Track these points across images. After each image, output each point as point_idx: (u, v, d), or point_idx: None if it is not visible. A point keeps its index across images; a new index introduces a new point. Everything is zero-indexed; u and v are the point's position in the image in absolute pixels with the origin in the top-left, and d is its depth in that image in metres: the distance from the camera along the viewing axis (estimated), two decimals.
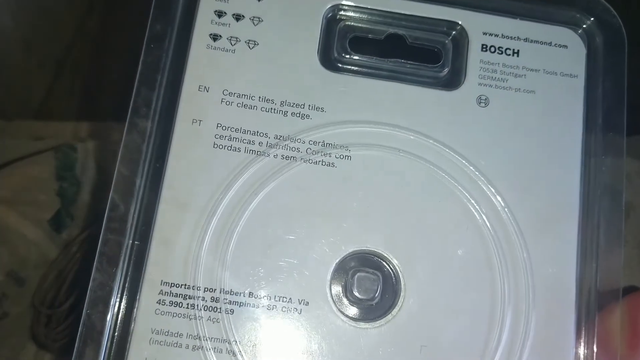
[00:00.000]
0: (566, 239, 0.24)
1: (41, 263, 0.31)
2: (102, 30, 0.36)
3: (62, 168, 0.33)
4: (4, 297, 0.30)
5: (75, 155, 0.34)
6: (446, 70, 0.26)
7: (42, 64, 0.40)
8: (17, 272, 0.30)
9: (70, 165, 0.34)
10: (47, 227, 0.32)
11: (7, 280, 0.30)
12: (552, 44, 0.26)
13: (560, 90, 0.25)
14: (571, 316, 0.23)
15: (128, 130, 0.23)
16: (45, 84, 0.40)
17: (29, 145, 0.34)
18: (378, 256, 0.24)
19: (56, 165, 0.33)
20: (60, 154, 0.33)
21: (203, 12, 0.25)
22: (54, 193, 0.32)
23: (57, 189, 0.33)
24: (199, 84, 0.24)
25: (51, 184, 0.32)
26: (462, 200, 0.24)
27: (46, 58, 0.40)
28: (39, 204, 0.32)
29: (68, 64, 0.40)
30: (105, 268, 0.22)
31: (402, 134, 0.24)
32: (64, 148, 0.34)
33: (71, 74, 0.40)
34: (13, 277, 0.30)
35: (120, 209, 0.22)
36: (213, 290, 0.22)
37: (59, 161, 0.33)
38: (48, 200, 0.32)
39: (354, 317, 0.23)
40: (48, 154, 0.33)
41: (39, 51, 0.40)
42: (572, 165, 0.25)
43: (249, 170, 0.23)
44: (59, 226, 0.32)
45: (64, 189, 0.33)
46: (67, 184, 0.33)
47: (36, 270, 0.31)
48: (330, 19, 0.26)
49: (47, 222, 0.32)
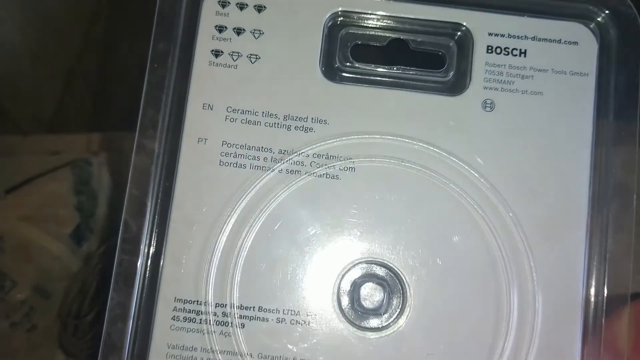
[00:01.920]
0: (574, 245, 0.24)
1: (64, 276, 0.33)
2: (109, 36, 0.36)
3: (80, 182, 0.34)
4: (31, 310, 0.32)
5: (90, 169, 0.35)
6: (450, 74, 0.25)
7: (51, 76, 0.41)
8: (42, 286, 0.32)
9: (86, 179, 0.35)
10: (68, 240, 0.33)
11: (34, 294, 0.32)
12: (562, 41, 0.25)
13: (570, 91, 0.25)
14: (578, 322, 0.24)
15: (136, 152, 0.24)
16: (56, 95, 0.40)
17: (46, 160, 0.35)
18: (384, 266, 0.24)
19: (74, 180, 0.34)
20: (76, 169, 0.34)
21: (204, 28, 0.25)
22: (73, 207, 0.34)
23: (75, 203, 0.34)
24: (203, 102, 0.24)
25: (70, 199, 0.34)
26: (467, 209, 0.24)
27: (55, 69, 0.40)
28: (59, 218, 0.33)
29: (77, 74, 0.41)
30: (122, 287, 0.23)
31: (405, 144, 0.24)
32: (80, 163, 0.35)
33: (81, 84, 0.41)
34: (39, 290, 0.32)
35: (132, 230, 0.23)
36: (224, 306, 0.23)
37: (76, 176, 0.34)
38: (68, 215, 0.33)
39: (361, 328, 0.24)
40: (65, 170, 0.34)
41: (48, 63, 0.40)
42: (582, 169, 0.24)
43: (254, 187, 0.24)
44: (80, 239, 0.34)
45: (82, 203, 0.34)
46: (84, 198, 0.34)
47: (60, 283, 0.33)
48: (331, 28, 0.25)
49: (68, 236, 0.33)
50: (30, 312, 0.32)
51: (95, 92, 0.40)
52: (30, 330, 0.32)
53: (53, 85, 0.41)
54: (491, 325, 0.24)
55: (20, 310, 0.32)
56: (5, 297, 0.31)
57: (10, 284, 0.32)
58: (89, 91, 0.41)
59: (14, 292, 0.32)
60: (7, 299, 0.31)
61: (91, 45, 0.41)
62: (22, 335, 0.32)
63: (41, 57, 0.40)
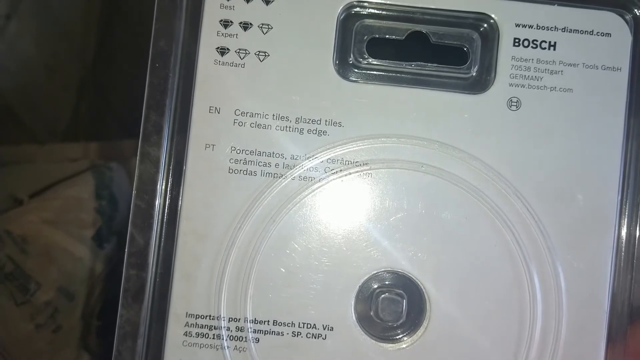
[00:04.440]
0: (601, 252, 0.23)
1: (87, 278, 0.33)
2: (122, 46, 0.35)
3: (100, 187, 0.34)
4: (56, 311, 0.32)
5: (110, 174, 0.35)
6: (474, 70, 0.24)
7: (66, 86, 0.40)
8: (66, 288, 0.32)
9: (107, 183, 0.35)
10: (90, 243, 0.33)
11: (58, 296, 0.32)
12: (594, 33, 0.23)
13: (601, 87, 0.23)
14: (602, 331, 0.23)
15: (140, 160, 0.23)
16: (70, 105, 0.40)
17: (66, 167, 0.35)
18: (403, 276, 0.23)
19: (95, 185, 0.34)
20: (97, 174, 0.34)
21: (208, 23, 0.23)
22: (95, 211, 0.34)
23: (97, 207, 0.34)
24: (210, 105, 0.23)
25: (91, 203, 0.34)
26: (490, 215, 0.23)
27: (69, 80, 0.40)
28: (81, 222, 0.33)
29: (90, 84, 0.40)
30: (131, 304, 0.22)
31: (425, 147, 0.23)
32: (100, 168, 0.35)
33: (94, 94, 0.40)
34: (63, 292, 0.32)
35: (139, 243, 0.22)
36: (237, 320, 0.23)
37: (97, 180, 0.34)
38: (89, 218, 0.33)
39: (380, 339, 0.23)
40: (86, 174, 0.34)
41: (62, 74, 0.40)
42: (612, 172, 0.23)
43: (266, 196, 0.23)
44: (101, 242, 0.34)
45: (103, 207, 0.34)
46: (105, 202, 0.34)
47: (83, 284, 0.33)
48: (345, 20, 0.23)
49: (91, 238, 0.33)
50: (55, 313, 0.32)
51: (109, 102, 0.39)
52: (55, 331, 0.32)
53: (67, 96, 0.40)
54: (514, 335, 0.23)
55: (45, 311, 0.32)
56: (30, 299, 0.32)
57: (35, 286, 0.32)
58: (102, 100, 0.40)
59: (38, 294, 0.32)
60: (32, 301, 0.32)
61: (104, 54, 0.39)
62: (48, 336, 0.32)
63: (55, 69, 0.39)
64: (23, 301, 0.31)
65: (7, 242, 0.31)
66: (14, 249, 0.31)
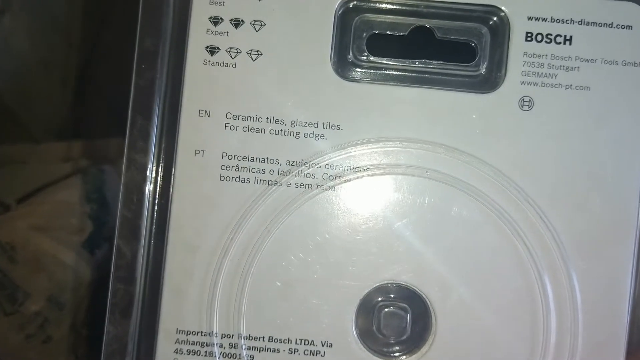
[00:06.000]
0: (621, 262, 0.21)
1: (78, 285, 0.32)
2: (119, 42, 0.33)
3: (92, 191, 0.33)
4: (46, 321, 0.31)
5: (103, 177, 0.33)
6: (482, 68, 0.22)
7: (61, 83, 0.39)
8: (56, 297, 0.31)
9: (98, 187, 0.33)
10: (81, 250, 0.32)
11: (48, 305, 0.31)
12: (613, 25, 0.21)
13: (621, 84, 0.21)
14: (621, 346, 0.21)
15: (127, 167, 0.21)
16: (66, 103, 0.39)
17: (58, 168, 0.34)
18: (406, 289, 0.22)
19: (85, 188, 0.33)
20: (88, 177, 0.33)
21: (196, 20, 0.22)
22: (86, 216, 0.32)
23: (88, 211, 0.33)
24: (199, 108, 0.21)
25: (82, 207, 0.32)
26: (500, 224, 0.21)
27: (65, 76, 0.39)
28: (71, 228, 0.32)
29: (87, 81, 0.39)
30: (118, 320, 0.21)
31: (430, 151, 0.21)
32: (91, 170, 0.33)
33: (91, 91, 0.39)
34: (53, 301, 0.31)
35: (127, 256, 0.21)
36: (231, 336, 0.21)
37: (88, 184, 0.33)
38: (80, 224, 0.32)
39: (383, 356, 0.22)
40: (77, 178, 0.33)
41: (58, 70, 0.38)
42: (632, 176, 0.21)
43: (260, 204, 0.21)
44: (93, 248, 0.33)
45: (94, 212, 0.33)
46: (97, 206, 0.33)
47: (74, 293, 0.32)
48: (343, 15, 0.22)
49: (81, 245, 0.32)
50: (45, 323, 0.31)
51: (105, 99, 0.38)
52: (46, 342, 0.31)
53: (63, 93, 0.39)
54: (526, 351, 0.21)
55: (35, 321, 0.31)
56: (19, 309, 0.31)
57: (24, 295, 0.31)
58: (99, 98, 0.39)
59: (28, 303, 0.31)
60: (22, 311, 0.31)
61: (101, 51, 0.38)
62: (38, 347, 0.31)
63: (51, 65, 0.38)
64: (12, 311, 0.30)
65: None
66: (2, 257, 0.31)
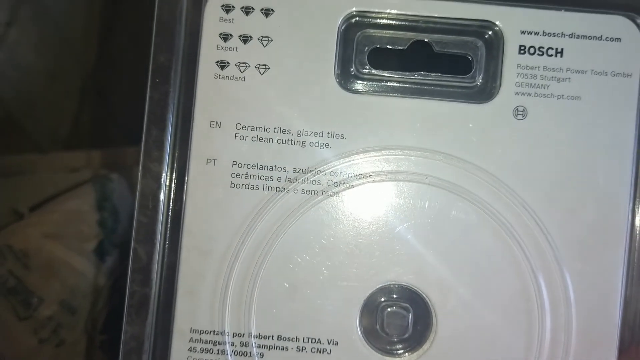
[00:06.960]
0: (612, 264, 0.22)
1: (90, 291, 0.33)
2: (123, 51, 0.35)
3: (101, 199, 0.34)
4: (59, 326, 0.32)
5: (112, 185, 0.34)
6: (478, 80, 0.23)
7: (67, 93, 0.40)
8: (69, 302, 0.32)
9: (107, 195, 0.34)
10: (92, 256, 0.33)
11: (60, 310, 0.32)
12: (603, 38, 0.23)
13: (611, 94, 0.23)
14: (613, 343, 0.22)
15: (142, 175, 0.23)
16: (71, 113, 0.40)
17: (66, 177, 0.35)
18: (408, 290, 0.23)
19: (95, 197, 0.34)
20: (98, 185, 0.34)
21: (207, 37, 0.23)
22: (96, 224, 0.34)
23: (98, 219, 0.34)
24: (210, 119, 0.23)
25: (92, 215, 0.34)
26: (496, 227, 0.22)
27: (71, 86, 0.40)
28: (82, 235, 0.33)
29: (91, 91, 0.40)
30: (135, 320, 0.22)
31: (429, 158, 0.23)
32: (101, 179, 0.34)
33: (96, 100, 0.40)
34: (66, 306, 0.32)
35: (143, 259, 0.22)
36: (242, 335, 0.22)
37: (98, 192, 0.34)
38: (91, 231, 0.33)
39: (386, 354, 0.23)
40: (86, 186, 0.34)
41: (63, 80, 0.40)
42: (623, 182, 0.22)
43: (268, 210, 0.23)
44: (103, 255, 0.34)
45: (104, 219, 0.34)
46: (107, 214, 0.34)
47: (86, 298, 0.33)
48: (346, 31, 0.23)
49: (92, 252, 0.33)
50: (58, 327, 0.32)
51: (110, 109, 0.39)
52: (59, 346, 0.32)
53: (69, 103, 0.40)
54: (522, 348, 0.22)
55: (48, 326, 0.32)
56: (33, 314, 0.32)
57: (37, 300, 0.32)
58: (104, 107, 0.40)
59: (41, 308, 0.32)
60: (35, 316, 0.32)
61: (105, 61, 0.39)
62: (51, 351, 0.32)
63: (56, 76, 0.39)
64: (26, 316, 0.32)
65: (8, 257, 0.32)
66: (16, 264, 0.32)
